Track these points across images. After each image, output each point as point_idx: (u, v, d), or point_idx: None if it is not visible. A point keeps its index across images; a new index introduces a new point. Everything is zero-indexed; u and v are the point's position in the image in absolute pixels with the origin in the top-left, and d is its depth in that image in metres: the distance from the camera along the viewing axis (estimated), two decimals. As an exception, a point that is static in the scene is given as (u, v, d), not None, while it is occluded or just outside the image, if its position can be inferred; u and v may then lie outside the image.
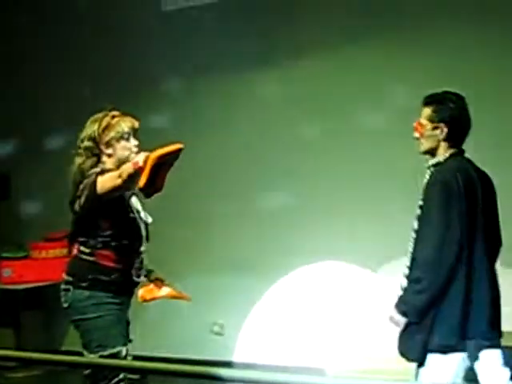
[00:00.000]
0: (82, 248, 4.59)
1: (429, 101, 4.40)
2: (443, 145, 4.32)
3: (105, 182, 4.36)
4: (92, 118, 4.74)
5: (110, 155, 4.64)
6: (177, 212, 7.81)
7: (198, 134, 7.48)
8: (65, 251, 6.93)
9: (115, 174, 4.32)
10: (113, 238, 4.55)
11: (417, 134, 4.37)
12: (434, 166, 4.34)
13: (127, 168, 4.23)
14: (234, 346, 7.68)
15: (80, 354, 4.56)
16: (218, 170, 7.80)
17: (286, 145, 7.50)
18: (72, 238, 4.72)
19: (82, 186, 4.50)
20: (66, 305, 4.60)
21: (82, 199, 4.47)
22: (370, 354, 6.25)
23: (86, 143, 4.66)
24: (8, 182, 9.13)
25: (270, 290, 7.61)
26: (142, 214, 4.65)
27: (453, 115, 4.31)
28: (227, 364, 7.35)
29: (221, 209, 7.69)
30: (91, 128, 4.67)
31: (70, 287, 4.56)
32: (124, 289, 4.62)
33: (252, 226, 7.62)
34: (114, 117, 4.69)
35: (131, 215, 4.63)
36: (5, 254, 8.37)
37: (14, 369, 7.89)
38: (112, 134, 4.62)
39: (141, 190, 4.24)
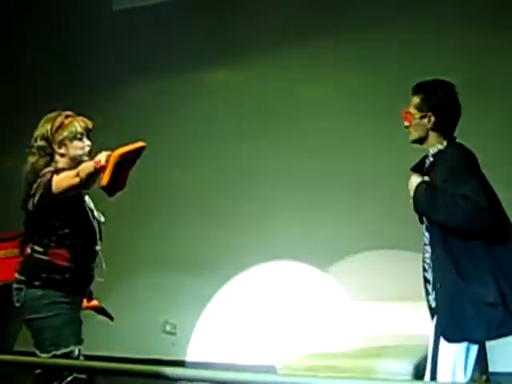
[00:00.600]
0: (36, 247, 4.58)
1: (417, 89, 4.31)
2: (432, 134, 4.24)
3: (61, 181, 4.37)
4: (45, 118, 4.74)
5: (62, 155, 4.65)
6: (131, 211, 7.82)
7: (156, 133, 7.52)
8: (16, 251, 6.92)
9: (72, 173, 4.33)
10: (67, 237, 4.55)
11: (406, 123, 4.29)
12: (437, 154, 4.25)
13: (87, 167, 4.25)
14: (187, 345, 7.72)
15: (32, 354, 4.56)
16: (175, 170, 7.83)
17: (240, 146, 7.58)
18: (25, 237, 4.72)
19: (35, 185, 4.50)
20: (18, 304, 4.59)
21: (36, 198, 4.47)
22: (320, 350, 6.32)
23: (39, 142, 4.67)
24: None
25: (223, 289, 7.68)
26: (96, 213, 4.67)
27: (440, 104, 4.23)
28: (179, 363, 7.37)
29: (174, 208, 7.74)
30: (44, 127, 4.68)
31: (23, 286, 4.55)
32: (77, 288, 4.62)
33: (207, 225, 7.65)
34: (67, 116, 4.70)
35: (85, 214, 4.65)
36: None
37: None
38: (65, 133, 4.64)
39: (103, 188, 4.26)
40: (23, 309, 4.57)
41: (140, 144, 4.14)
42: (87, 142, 4.70)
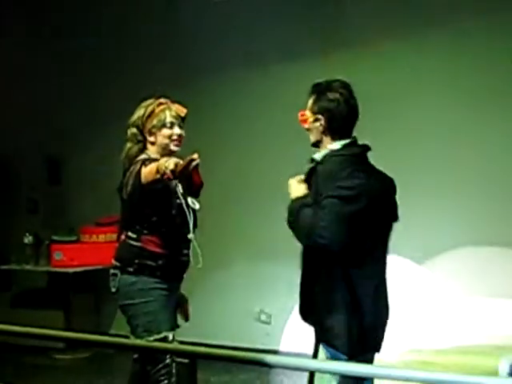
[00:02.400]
0: (130, 233, 4.61)
1: (311, 90, 4.04)
2: (325, 138, 3.98)
3: (147, 174, 4.37)
4: (141, 105, 4.76)
5: (152, 143, 4.65)
6: (230, 200, 7.84)
7: (259, 120, 7.49)
8: (114, 236, 6.99)
9: (154, 167, 4.31)
10: (159, 224, 4.56)
11: (306, 126, 4.02)
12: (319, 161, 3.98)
13: (161, 165, 4.22)
14: (281, 335, 7.69)
15: (127, 337, 4.60)
16: (270, 157, 7.79)
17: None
18: (120, 224, 4.76)
19: (128, 173, 4.52)
20: (113, 289, 4.63)
21: (129, 188, 4.49)
22: (419, 346, 6.22)
23: (132, 129, 4.69)
24: (59, 168, 9.25)
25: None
26: (189, 200, 4.63)
27: (329, 106, 3.93)
28: (273, 353, 7.35)
29: (273, 197, 7.70)
30: (137, 114, 4.70)
31: (118, 272, 4.59)
32: (171, 274, 4.63)
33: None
34: (160, 104, 4.69)
35: (177, 201, 4.63)
36: (56, 238, 8.47)
37: (62, 351, 8.00)
38: (154, 121, 4.63)
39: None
40: (118, 294, 4.61)
41: (192, 157, 4.06)
42: (176, 131, 4.67)
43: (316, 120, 3.97)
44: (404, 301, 7.12)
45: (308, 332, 7.24)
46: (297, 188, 4.02)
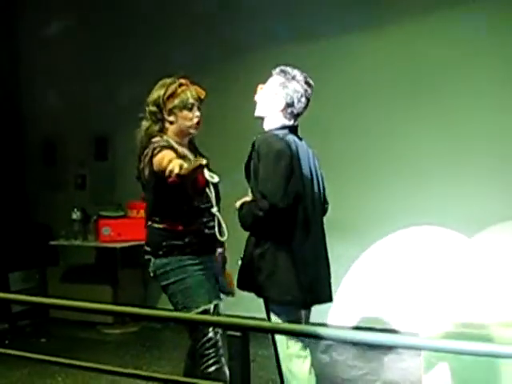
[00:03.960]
0: (154, 217, 4.62)
1: (279, 71, 4.57)
2: (277, 115, 4.55)
3: (158, 164, 4.35)
4: (160, 83, 4.71)
5: (171, 122, 4.62)
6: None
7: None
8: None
9: (162, 161, 4.25)
10: (179, 204, 4.54)
11: (257, 97, 4.59)
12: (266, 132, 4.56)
13: (164, 166, 4.16)
14: (328, 308, 7.68)
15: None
16: (333, 135, 7.75)
17: (394, 109, 7.48)
18: (146, 209, 4.76)
19: (142, 158, 4.53)
20: (151, 274, 4.67)
21: (146, 174, 4.50)
22: (463, 319, 6.17)
23: (151, 108, 4.65)
24: (106, 144, 9.32)
25: (368, 252, 7.60)
26: (207, 175, 4.54)
27: (294, 92, 4.51)
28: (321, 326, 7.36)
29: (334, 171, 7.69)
30: (157, 93, 4.66)
31: (151, 257, 4.62)
32: (200, 249, 4.62)
33: (357, 187, 7.61)
34: (181, 85, 4.65)
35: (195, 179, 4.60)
36: (104, 213, 8.55)
37: (111, 325, 8.10)
38: (176, 101, 4.60)
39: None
40: (155, 277, 4.64)
41: (199, 162, 4.02)
42: (196, 113, 4.66)
43: (275, 98, 4.53)
44: (451, 274, 7.10)
45: (354, 306, 7.27)
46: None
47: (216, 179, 4.52)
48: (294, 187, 4.38)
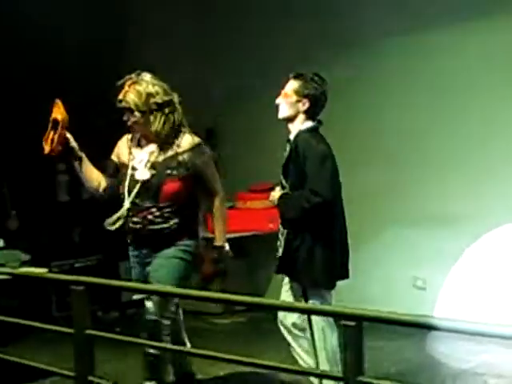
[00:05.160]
0: None
1: (297, 76, 5.12)
2: (301, 116, 5.09)
3: None
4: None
5: None
6: (383, 165, 7.81)
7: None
8: (267, 202, 7.14)
9: None
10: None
11: (279, 101, 5.12)
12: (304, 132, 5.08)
13: None
14: (435, 301, 7.61)
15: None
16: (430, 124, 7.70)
17: (471, 98, 7.38)
18: None
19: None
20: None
21: None
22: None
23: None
24: (213, 136, 9.42)
25: (473, 246, 7.49)
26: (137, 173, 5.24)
27: (315, 94, 5.07)
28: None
29: (427, 161, 7.64)
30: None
31: None
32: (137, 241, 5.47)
33: (456, 179, 7.51)
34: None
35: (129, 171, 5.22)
36: (212, 205, 8.62)
37: (220, 315, 8.21)
38: None
39: None
40: None
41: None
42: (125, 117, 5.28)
43: (298, 101, 5.07)
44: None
45: (464, 297, 7.16)
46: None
47: (145, 177, 5.23)
48: (338, 183, 5.06)
